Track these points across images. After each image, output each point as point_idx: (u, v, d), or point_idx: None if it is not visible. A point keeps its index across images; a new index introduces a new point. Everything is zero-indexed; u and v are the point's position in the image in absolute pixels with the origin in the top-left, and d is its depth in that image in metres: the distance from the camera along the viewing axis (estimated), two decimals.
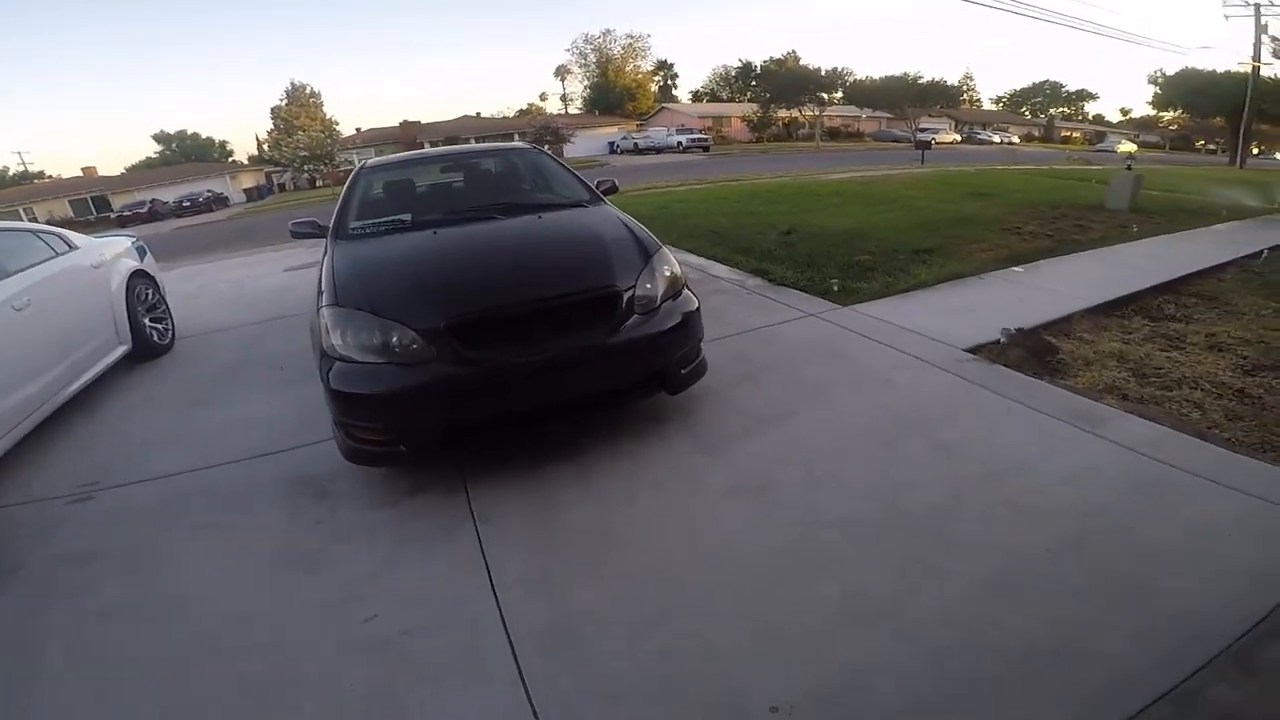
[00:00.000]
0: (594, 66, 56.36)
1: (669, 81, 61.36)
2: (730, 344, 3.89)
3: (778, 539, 2.18)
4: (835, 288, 4.76)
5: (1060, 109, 70.80)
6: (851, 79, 41.26)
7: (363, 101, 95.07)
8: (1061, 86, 71.09)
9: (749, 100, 44.60)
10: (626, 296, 2.64)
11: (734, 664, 1.68)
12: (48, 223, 28.96)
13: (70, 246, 4.60)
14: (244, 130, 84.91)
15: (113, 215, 31.51)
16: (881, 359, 3.53)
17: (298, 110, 36.26)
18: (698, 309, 2.87)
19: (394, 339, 2.47)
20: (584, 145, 39.21)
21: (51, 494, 2.93)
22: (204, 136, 48.37)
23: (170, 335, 5.29)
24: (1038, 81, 71.45)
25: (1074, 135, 56.48)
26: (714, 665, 1.69)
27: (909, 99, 41.74)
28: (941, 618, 1.77)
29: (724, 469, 2.63)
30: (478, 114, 51.64)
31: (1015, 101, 72.26)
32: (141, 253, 5.48)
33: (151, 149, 47.40)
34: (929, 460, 2.55)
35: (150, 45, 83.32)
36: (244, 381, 4.11)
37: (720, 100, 55.08)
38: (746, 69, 43.37)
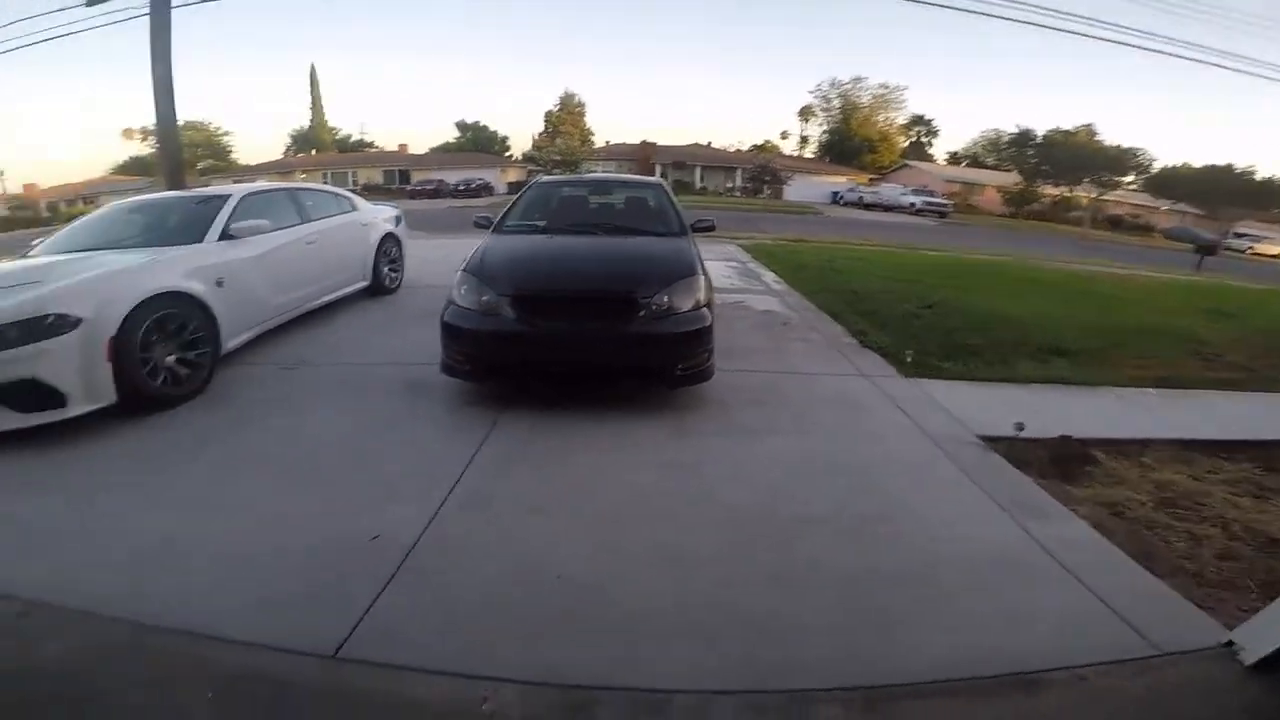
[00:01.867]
0: (836, 112, 55.56)
1: (924, 138, 58.57)
2: (768, 377, 4.49)
3: (664, 503, 2.86)
4: (909, 359, 5.00)
5: None
6: (1152, 164, 35.74)
7: (615, 114, 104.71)
8: None
9: (1015, 170, 40.59)
10: (643, 304, 3.52)
11: (582, 580, 2.38)
12: (364, 186, 36.87)
13: (354, 208, 6.69)
14: (524, 128, 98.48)
15: (407, 188, 37.22)
16: (887, 421, 3.86)
17: (565, 117, 41.68)
18: (703, 328, 3.64)
19: (484, 297, 3.66)
20: (805, 191, 39.11)
21: (275, 362, 4.66)
22: (491, 130, 55.55)
23: (399, 283, 7.30)
24: None
25: None
26: (550, 563, 2.43)
27: (1229, 196, 34.75)
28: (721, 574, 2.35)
29: (677, 450, 3.35)
30: (709, 143, 52.61)
31: None
32: (397, 221, 7.55)
33: (452, 134, 55.96)
34: (839, 493, 2.98)
35: (468, 43, 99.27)
36: (422, 321, 5.68)
37: (983, 166, 50.99)
38: (1023, 136, 39.37)
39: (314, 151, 51.17)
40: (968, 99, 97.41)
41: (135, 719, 1.66)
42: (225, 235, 4.52)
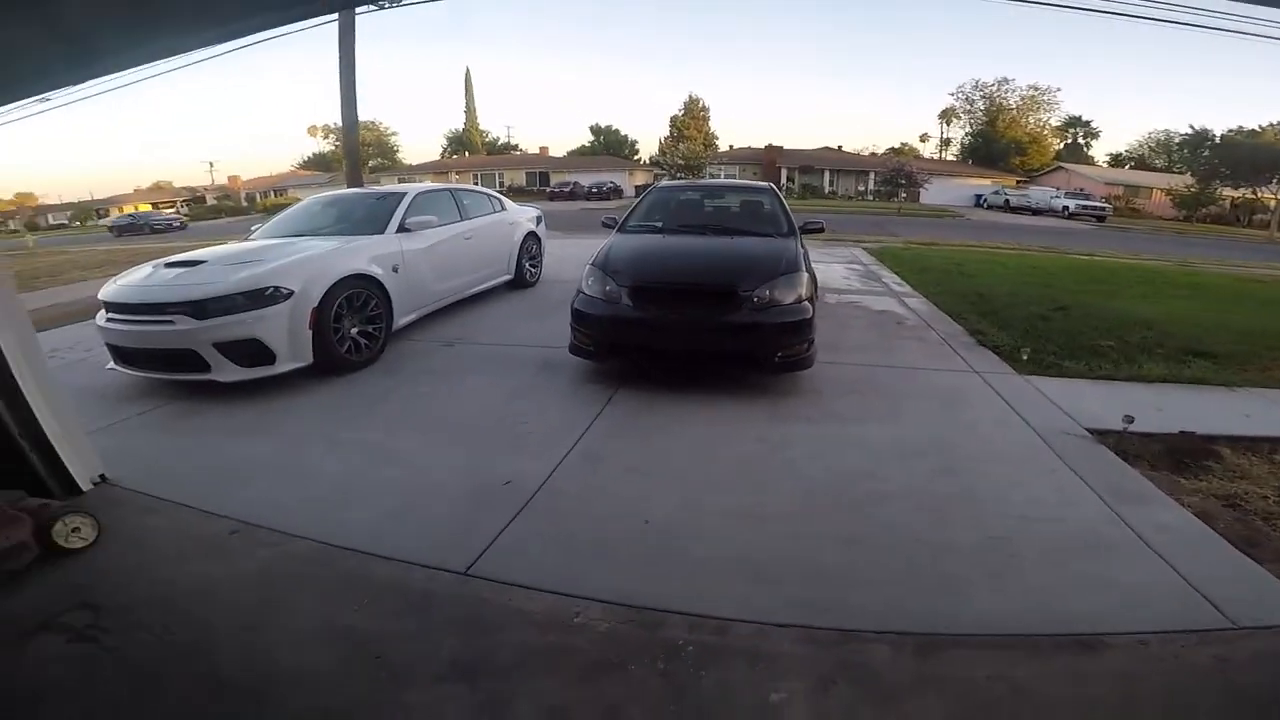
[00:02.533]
0: (981, 114, 51.70)
1: (1082, 140, 52.86)
2: (871, 371, 4.64)
3: (747, 471, 3.18)
4: (1024, 357, 4.89)
5: None
6: None
7: (740, 117, 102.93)
8: None
9: (1188, 172, 35.79)
10: (744, 296, 3.84)
11: (668, 527, 2.76)
12: (509, 187, 39.64)
13: (503, 208, 7.54)
14: (652, 131, 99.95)
15: (547, 190, 39.21)
16: (988, 413, 3.89)
17: (689, 121, 42.21)
18: (803, 320, 3.90)
19: (608, 288, 4.15)
20: (945, 194, 36.87)
21: (435, 340, 5.47)
22: (621, 133, 57.19)
23: (537, 277, 8.09)
24: None
25: None
26: (644, 512, 2.81)
27: None
28: (788, 531, 2.62)
29: (768, 429, 3.64)
30: (839, 147, 50.90)
31: None
32: (538, 221, 8.36)
33: (586, 138, 58.21)
34: (920, 474, 3.13)
35: (600, 43, 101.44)
36: (556, 311, 6.33)
37: (1151, 169, 45.32)
38: (1198, 136, 34.59)
39: (466, 154, 55.51)
40: (1132, 100, 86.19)
41: (308, 619, 2.21)
42: (402, 228, 5.41)
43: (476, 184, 11.64)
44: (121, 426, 3.81)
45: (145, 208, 49.04)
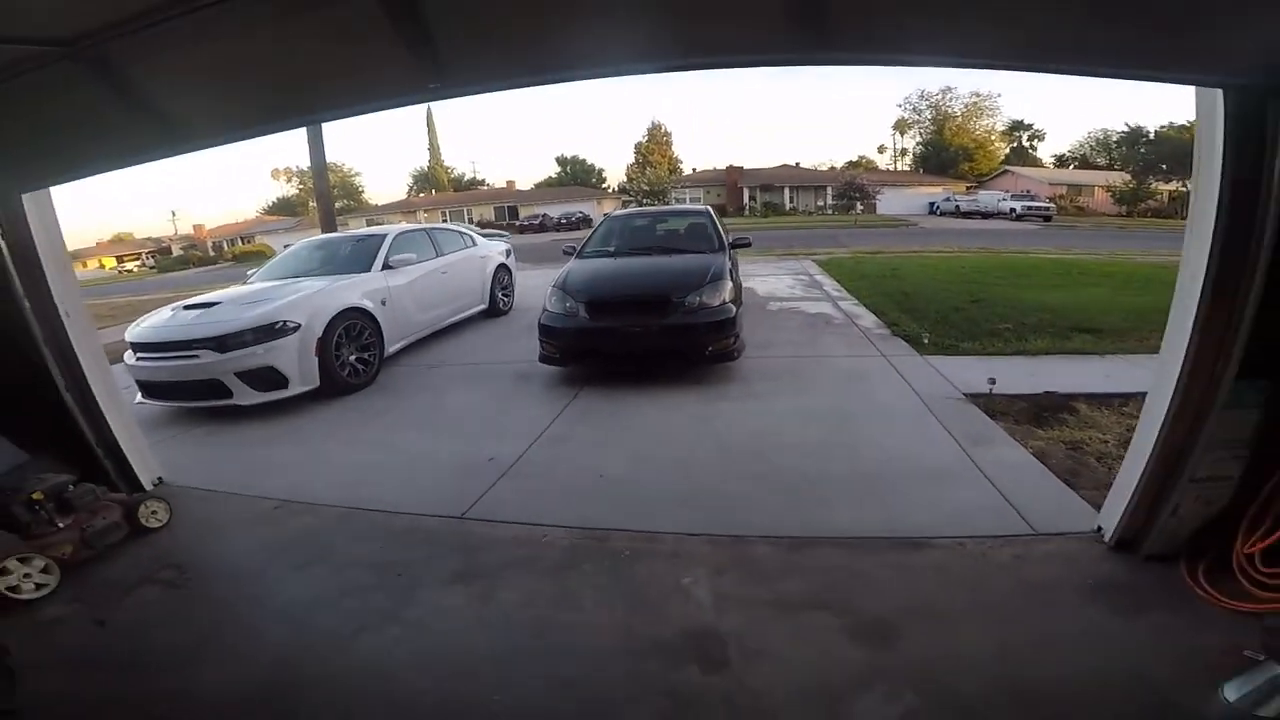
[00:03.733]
0: (929, 123, 53.83)
1: (1027, 143, 55.32)
2: (793, 361, 5.53)
3: (681, 437, 4.02)
4: (925, 340, 5.79)
5: None
6: None
7: (702, 140, 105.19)
8: None
9: (1127, 169, 37.83)
10: (677, 303, 4.70)
11: (618, 478, 3.57)
12: (477, 221, 40.36)
13: (474, 243, 8.35)
14: (618, 159, 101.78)
15: (516, 223, 39.57)
16: (884, 386, 4.76)
17: (653, 147, 43.64)
18: (727, 319, 4.78)
19: (568, 304, 4.98)
20: (900, 203, 38.51)
21: (422, 364, 6.24)
22: (588, 163, 57.67)
23: (510, 305, 8.86)
24: None
25: None
26: (599, 469, 3.61)
27: None
28: (708, 474, 3.42)
29: (699, 408, 4.49)
30: (796, 164, 52.17)
31: None
32: (508, 254, 9.17)
33: (553, 169, 58.58)
34: (815, 432, 3.97)
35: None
36: (527, 334, 7.04)
37: (1095, 167, 47.61)
38: (1135, 134, 36.80)
39: (433, 191, 56.31)
40: (1075, 101, 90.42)
41: (345, 556, 2.92)
42: (386, 265, 6.20)
43: (446, 221, 12.52)
44: (160, 446, 4.48)
45: (110, 262, 48.89)
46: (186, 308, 5.31)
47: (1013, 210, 32.78)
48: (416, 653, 2.27)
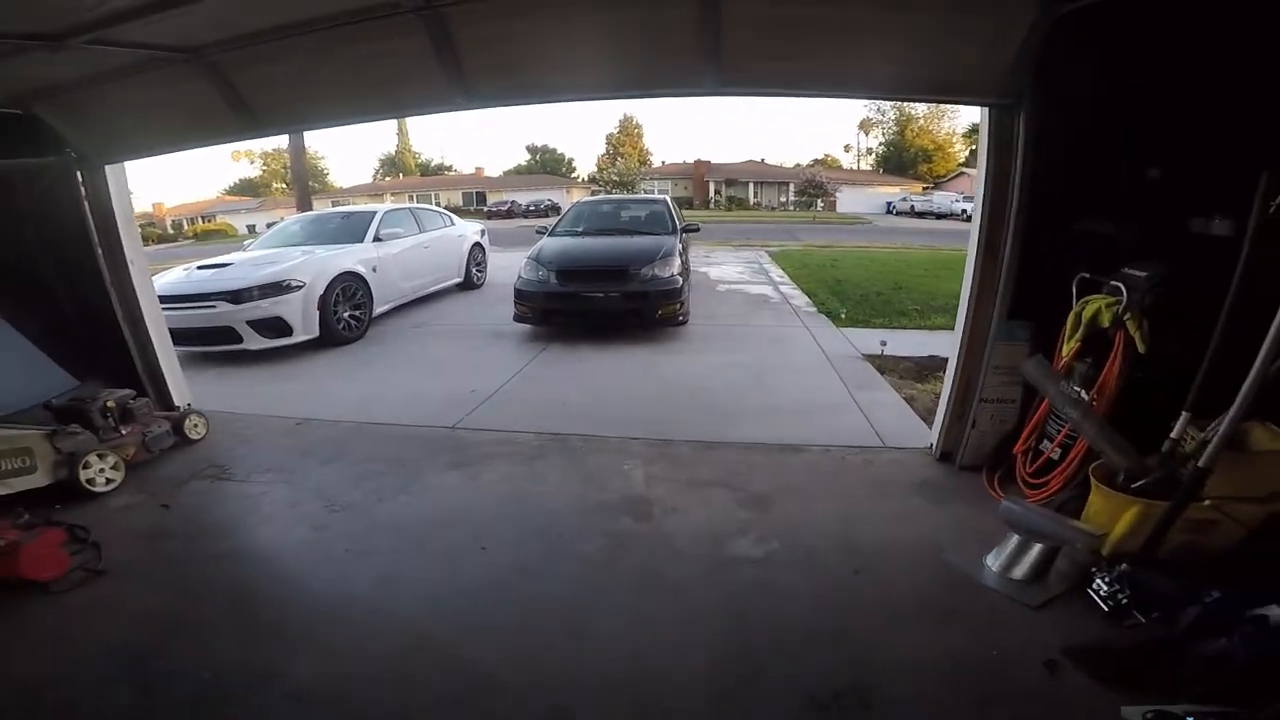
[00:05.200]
0: (892, 124, 55.55)
1: None
2: (731, 328, 6.54)
3: (632, 378, 4.95)
4: (843, 316, 6.83)
5: None
6: None
7: (671, 134, 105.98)
8: None
9: None
10: (633, 273, 5.61)
11: (578, 405, 4.46)
12: (446, 206, 40.30)
13: (452, 223, 9.11)
14: (588, 149, 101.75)
15: (485, 209, 39.91)
16: (800, 348, 5.76)
17: (624, 139, 44.38)
18: (674, 289, 5.77)
19: (541, 272, 5.84)
20: (859, 202, 39.79)
21: (406, 324, 7.04)
22: (559, 152, 58.31)
23: (483, 280, 9.64)
24: None
25: None
26: (563, 399, 4.52)
27: None
28: (650, 404, 4.33)
29: (649, 359, 5.43)
30: (762, 160, 53.27)
31: None
32: (482, 234, 9.94)
33: (523, 157, 59.12)
34: (737, 378, 4.93)
35: None
36: (500, 303, 7.88)
37: None
38: None
39: (400, 175, 55.91)
40: None
41: (362, 454, 3.73)
42: (376, 238, 6.94)
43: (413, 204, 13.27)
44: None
45: None
46: (200, 268, 5.98)
47: (964, 211, 34.25)
48: (422, 513, 3.11)
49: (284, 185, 50.11)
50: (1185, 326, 2.28)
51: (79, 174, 3.77)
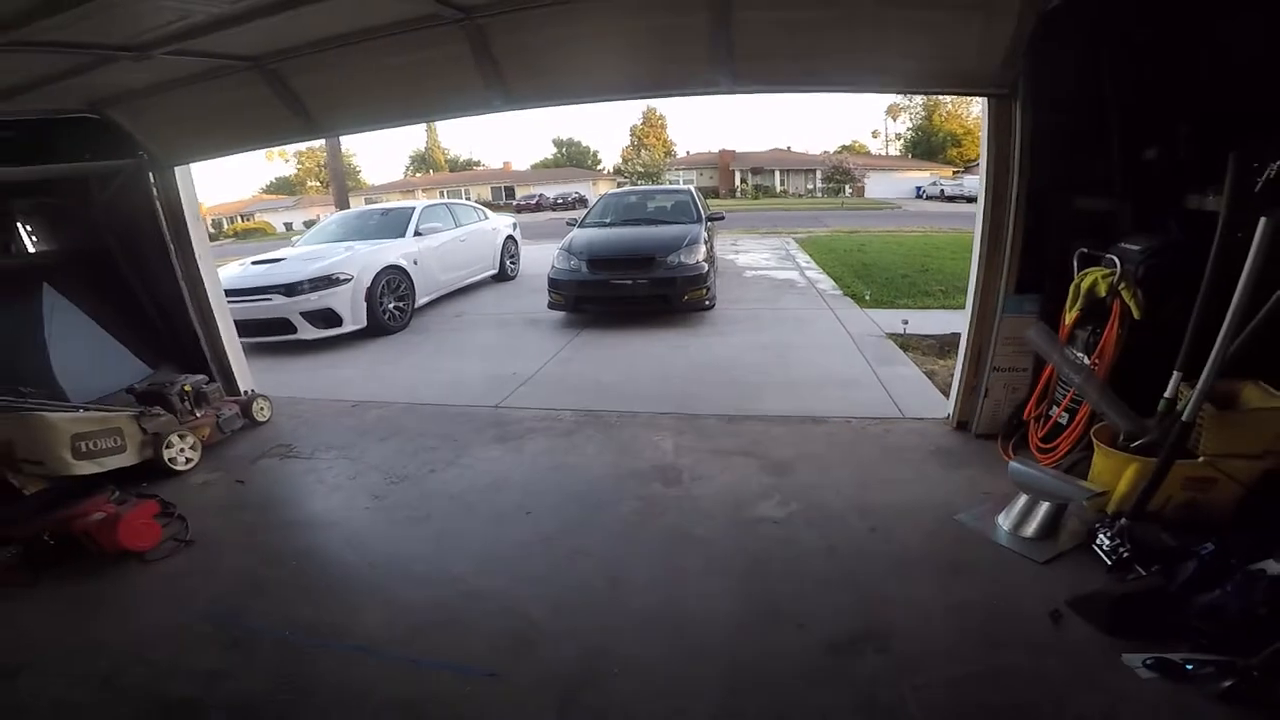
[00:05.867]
0: (920, 109, 54.47)
1: None
2: (756, 309, 6.76)
3: (662, 358, 5.20)
4: (867, 297, 6.95)
5: None
6: None
7: (696, 124, 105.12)
8: None
9: None
10: (660, 261, 5.84)
11: (611, 384, 4.73)
12: (477, 200, 40.96)
13: (486, 217, 9.45)
14: (613, 141, 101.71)
15: (514, 203, 39.81)
16: (825, 328, 5.93)
17: (648, 130, 44.41)
18: (699, 275, 6.01)
19: (572, 262, 6.12)
20: (888, 187, 39.21)
21: (447, 314, 7.39)
22: (584, 145, 58.74)
23: (516, 271, 9.97)
24: None
25: None
26: (597, 379, 4.79)
27: None
28: (681, 381, 4.56)
29: (678, 340, 5.68)
30: (788, 148, 52.70)
31: None
32: (514, 227, 10.26)
33: (549, 151, 59.53)
34: (764, 356, 5.13)
35: None
36: (534, 294, 8.18)
37: None
38: None
39: (430, 172, 56.86)
40: None
41: (416, 430, 4.05)
42: (416, 233, 7.30)
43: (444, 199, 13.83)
44: None
45: None
46: (255, 263, 6.40)
47: None
48: (472, 481, 3.40)
49: (319, 184, 51.43)
50: (1177, 294, 2.42)
51: (150, 175, 4.13)
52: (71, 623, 2.39)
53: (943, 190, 37.06)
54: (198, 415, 4.02)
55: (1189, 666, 1.82)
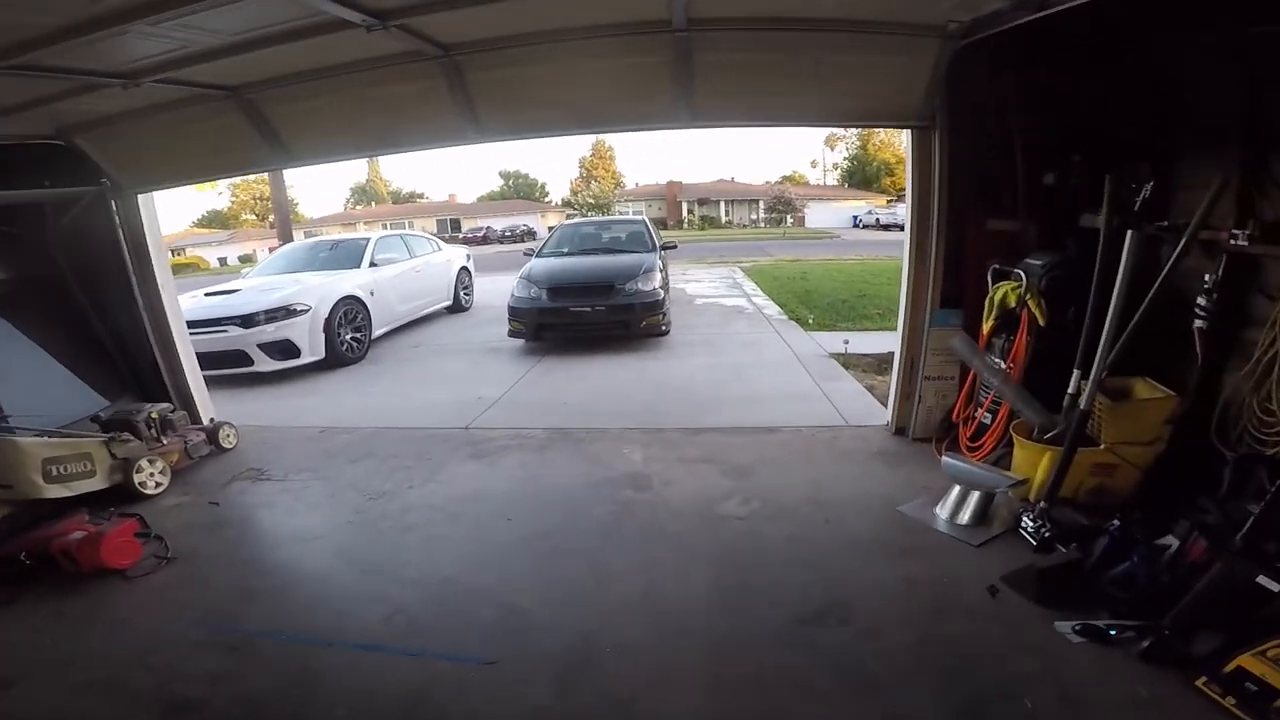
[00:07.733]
0: (855, 139, 56.74)
1: None
2: (709, 335, 7.10)
3: (623, 381, 5.44)
4: (810, 321, 7.44)
5: None
6: None
7: (644, 155, 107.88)
8: None
9: None
10: (618, 288, 6.15)
11: (578, 404, 4.95)
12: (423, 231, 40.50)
13: (439, 248, 9.56)
14: (561, 173, 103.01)
15: (460, 235, 39.20)
16: (772, 349, 6.34)
17: (596, 162, 45.26)
18: (656, 301, 6.32)
19: (532, 290, 6.34)
20: (827, 217, 40.69)
21: (405, 346, 7.44)
22: (531, 177, 58.70)
23: (471, 302, 10.07)
24: None
25: None
26: (563, 401, 5.01)
27: None
28: (643, 400, 4.83)
29: (637, 365, 5.95)
30: (732, 179, 54.33)
31: None
32: (468, 259, 10.39)
33: (496, 183, 59.32)
34: (718, 375, 5.47)
35: None
36: (489, 325, 8.33)
37: None
38: None
39: (373, 204, 55.87)
40: None
41: (388, 451, 4.12)
42: (372, 263, 7.37)
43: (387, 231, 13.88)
44: None
45: None
46: (209, 294, 6.34)
47: None
48: (451, 494, 3.54)
49: (255, 216, 49.79)
50: (1074, 302, 2.86)
51: (113, 202, 4.13)
52: (60, 636, 2.42)
53: (878, 219, 38.74)
54: (164, 442, 4.01)
55: (1112, 632, 2.06)
